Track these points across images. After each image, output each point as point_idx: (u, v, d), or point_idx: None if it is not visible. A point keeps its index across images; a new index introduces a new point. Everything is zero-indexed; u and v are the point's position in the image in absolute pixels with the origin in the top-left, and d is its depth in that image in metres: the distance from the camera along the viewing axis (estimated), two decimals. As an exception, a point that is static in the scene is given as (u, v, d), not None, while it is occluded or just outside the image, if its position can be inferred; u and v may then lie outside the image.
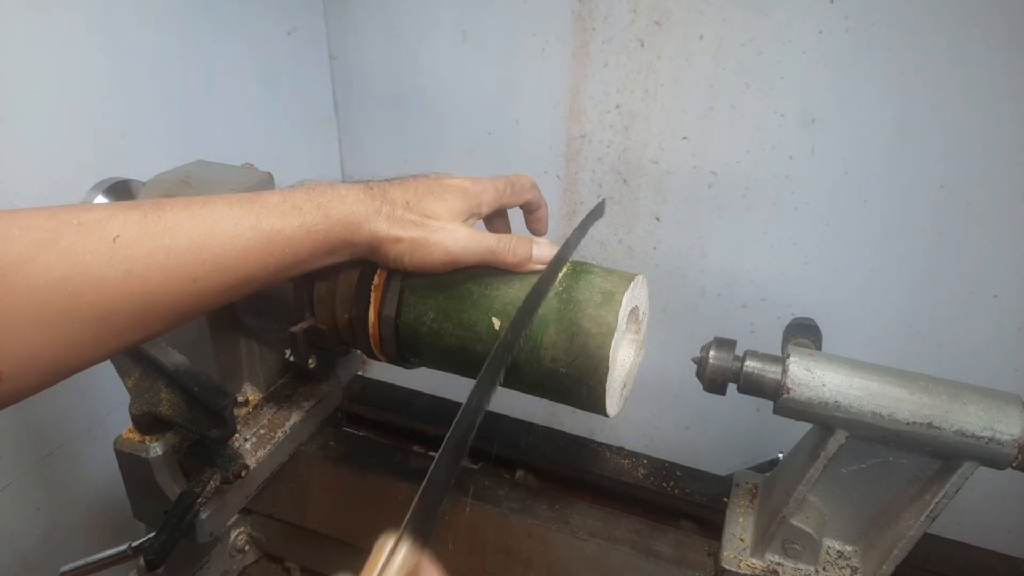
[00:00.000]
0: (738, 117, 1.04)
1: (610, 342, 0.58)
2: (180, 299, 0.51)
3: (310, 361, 0.72)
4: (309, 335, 0.69)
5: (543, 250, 0.63)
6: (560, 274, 0.62)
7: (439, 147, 1.27)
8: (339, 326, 0.67)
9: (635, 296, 0.62)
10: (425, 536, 0.40)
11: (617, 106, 1.11)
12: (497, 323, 0.61)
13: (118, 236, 0.48)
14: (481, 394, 0.49)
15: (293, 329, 0.68)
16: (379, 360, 0.70)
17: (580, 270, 0.63)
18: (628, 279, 0.61)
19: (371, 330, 0.66)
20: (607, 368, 0.58)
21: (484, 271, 0.63)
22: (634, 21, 1.04)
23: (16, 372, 0.46)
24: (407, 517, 0.40)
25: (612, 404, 0.61)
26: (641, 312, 0.66)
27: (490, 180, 0.65)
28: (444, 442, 0.45)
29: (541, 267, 0.63)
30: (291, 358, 0.71)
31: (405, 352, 0.66)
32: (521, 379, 0.62)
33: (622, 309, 0.59)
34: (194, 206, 0.52)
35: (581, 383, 0.59)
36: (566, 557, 0.78)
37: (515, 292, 0.61)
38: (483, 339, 0.62)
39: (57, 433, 0.95)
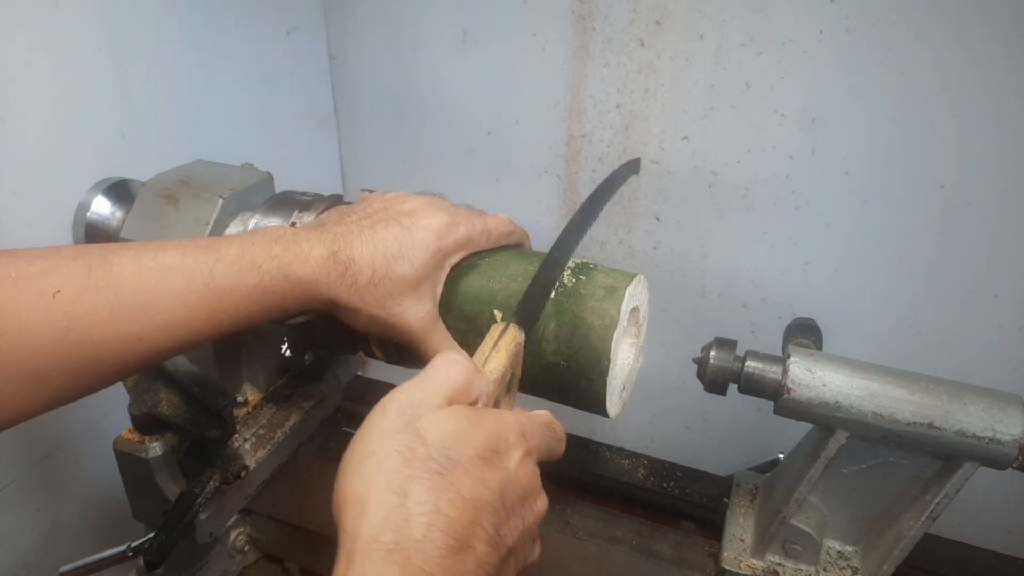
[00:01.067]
0: (738, 117, 1.04)
1: (612, 334, 0.58)
2: (123, 358, 0.49)
3: (306, 357, 0.71)
4: (306, 329, 0.68)
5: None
6: (563, 268, 0.62)
7: (439, 147, 1.27)
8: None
9: (636, 294, 0.62)
10: (529, 325, 0.51)
11: (617, 106, 1.11)
12: (499, 315, 0.61)
13: (58, 291, 0.45)
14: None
15: (290, 322, 0.68)
16: (377, 358, 0.70)
17: (582, 267, 0.63)
18: (630, 276, 0.61)
19: None
20: (609, 361, 0.58)
21: (486, 264, 0.63)
22: (634, 21, 1.04)
23: None
24: (516, 309, 0.53)
25: (612, 402, 0.61)
26: (641, 316, 0.66)
27: (467, 223, 0.61)
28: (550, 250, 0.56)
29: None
30: (287, 353, 0.70)
31: (404, 348, 0.66)
32: (522, 375, 0.62)
33: (624, 303, 0.59)
34: (144, 257, 0.49)
35: (582, 376, 0.59)
36: (566, 557, 0.78)
37: (518, 285, 0.62)
38: (484, 332, 0.61)
39: (57, 433, 0.95)
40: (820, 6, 0.94)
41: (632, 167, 0.69)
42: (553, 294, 0.60)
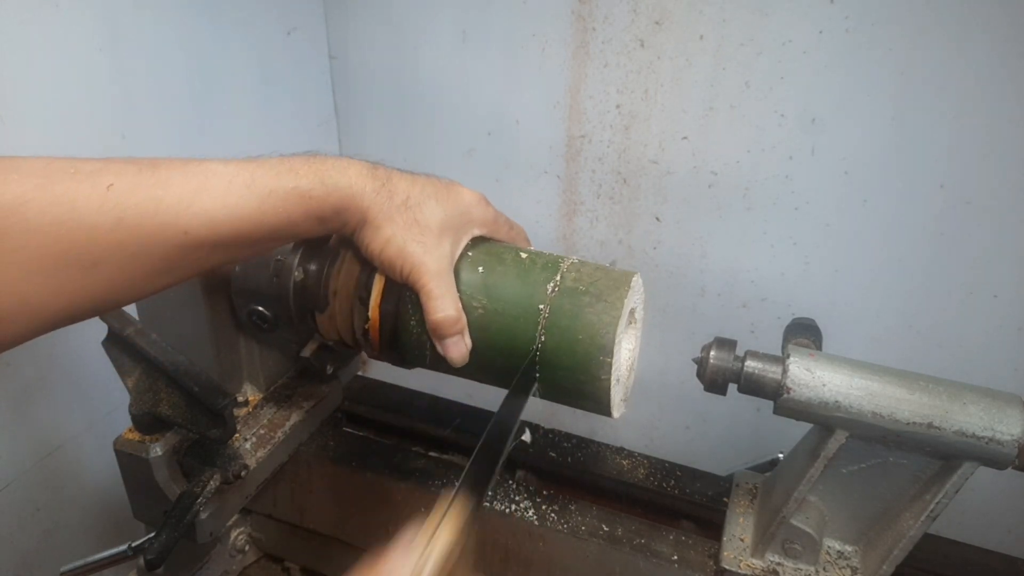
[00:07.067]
0: (738, 117, 1.04)
1: (634, 274, 0.61)
2: (170, 251, 0.51)
3: (296, 273, 0.70)
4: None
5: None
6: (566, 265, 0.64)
7: (439, 147, 1.27)
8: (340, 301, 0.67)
9: (637, 290, 0.62)
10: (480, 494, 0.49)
11: (617, 106, 1.11)
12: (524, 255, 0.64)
13: (111, 185, 0.49)
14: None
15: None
16: (375, 355, 0.69)
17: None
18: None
19: (374, 294, 0.65)
20: (628, 288, 0.60)
21: (498, 250, 0.66)
22: (634, 21, 1.04)
23: (5, 317, 0.46)
24: (463, 476, 0.49)
25: (618, 359, 0.60)
26: (636, 332, 0.66)
27: (495, 210, 0.67)
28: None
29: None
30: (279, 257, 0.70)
31: (405, 297, 0.64)
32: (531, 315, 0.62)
33: (636, 277, 0.62)
34: (190, 164, 0.53)
35: (600, 299, 0.59)
36: (566, 557, 0.78)
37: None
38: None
39: (57, 433, 0.95)
40: (820, 6, 0.94)
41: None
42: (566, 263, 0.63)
